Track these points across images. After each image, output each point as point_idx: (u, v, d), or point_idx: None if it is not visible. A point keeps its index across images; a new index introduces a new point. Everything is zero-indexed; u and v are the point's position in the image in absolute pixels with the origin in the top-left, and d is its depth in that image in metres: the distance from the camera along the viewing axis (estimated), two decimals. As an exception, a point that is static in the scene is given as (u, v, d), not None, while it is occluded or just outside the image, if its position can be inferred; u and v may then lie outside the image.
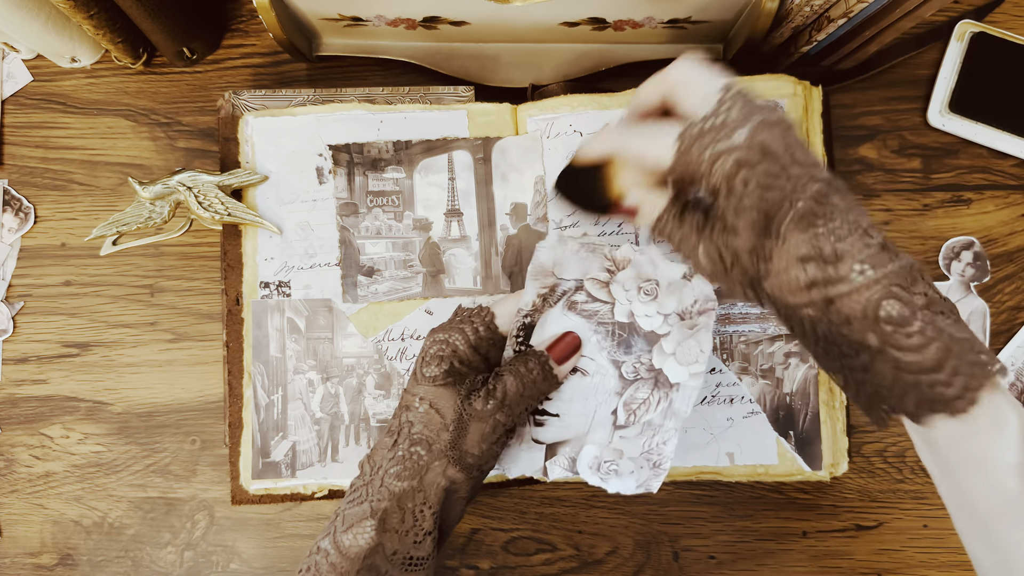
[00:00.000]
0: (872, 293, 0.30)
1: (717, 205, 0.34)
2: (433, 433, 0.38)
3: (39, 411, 0.56)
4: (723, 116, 0.32)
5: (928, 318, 0.30)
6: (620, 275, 0.41)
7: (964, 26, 0.55)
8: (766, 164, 0.32)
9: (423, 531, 0.37)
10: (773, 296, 0.33)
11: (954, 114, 0.55)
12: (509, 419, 0.38)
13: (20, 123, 0.58)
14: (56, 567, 0.56)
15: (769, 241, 0.32)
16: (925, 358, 0.30)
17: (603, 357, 0.41)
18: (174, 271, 0.57)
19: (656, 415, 0.41)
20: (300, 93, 0.53)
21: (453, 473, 0.37)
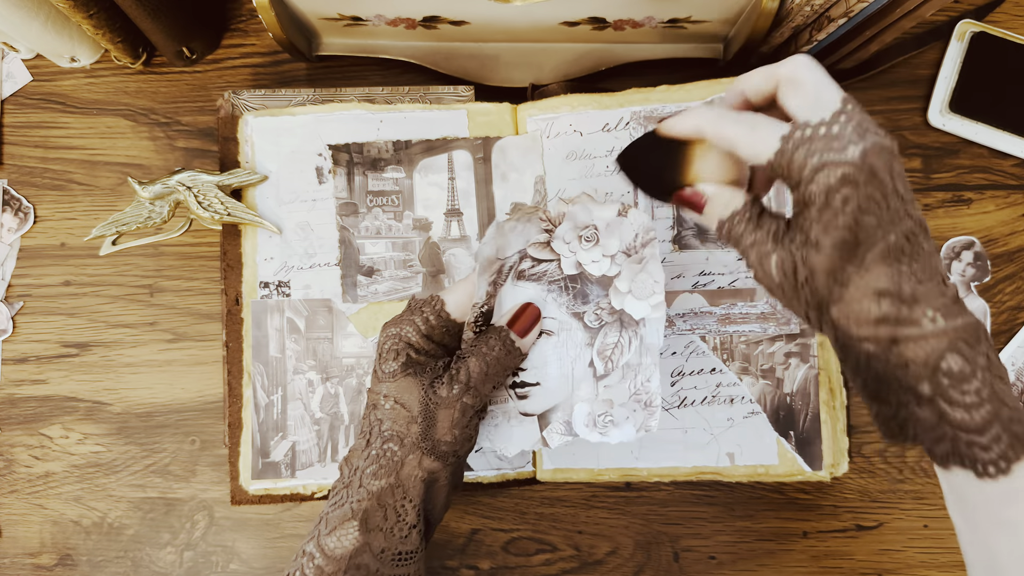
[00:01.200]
0: (939, 343, 0.30)
1: (804, 216, 0.32)
2: (403, 427, 0.38)
3: (39, 411, 0.56)
4: (838, 127, 0.31)
5: (987, 380, 0.30)
6: (558, 230, 0.41)
7: (964, 26, 0.55)
8: (871, 188, 0.31)
9: (407, 525, 0.37)
10: (838, 323, 0.33)
11: (954, 114, 0.55)
12: (477, 400, 0.38)
13: (20, 123, 0.58)
14: (56, 567, 0.55)
15: (851, 266, 0.31)
16: (973, 418, 0.30)
17: (563, 313, 0.41)
18: (174, 271, 0.57)
19: (632, 355, 0.41)
20: (300, 93, 0.53)
21: (429, 463, 0.37)
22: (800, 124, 0.32)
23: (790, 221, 0.34)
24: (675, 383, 0.51)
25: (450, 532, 0.55)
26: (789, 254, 0.33)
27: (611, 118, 0.52)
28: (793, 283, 0.33)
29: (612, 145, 0.52)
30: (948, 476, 0.32)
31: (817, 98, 0.32)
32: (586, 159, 0.52)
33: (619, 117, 0.52)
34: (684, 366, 0.51)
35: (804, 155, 0.31)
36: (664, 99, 0.51)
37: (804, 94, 0.33)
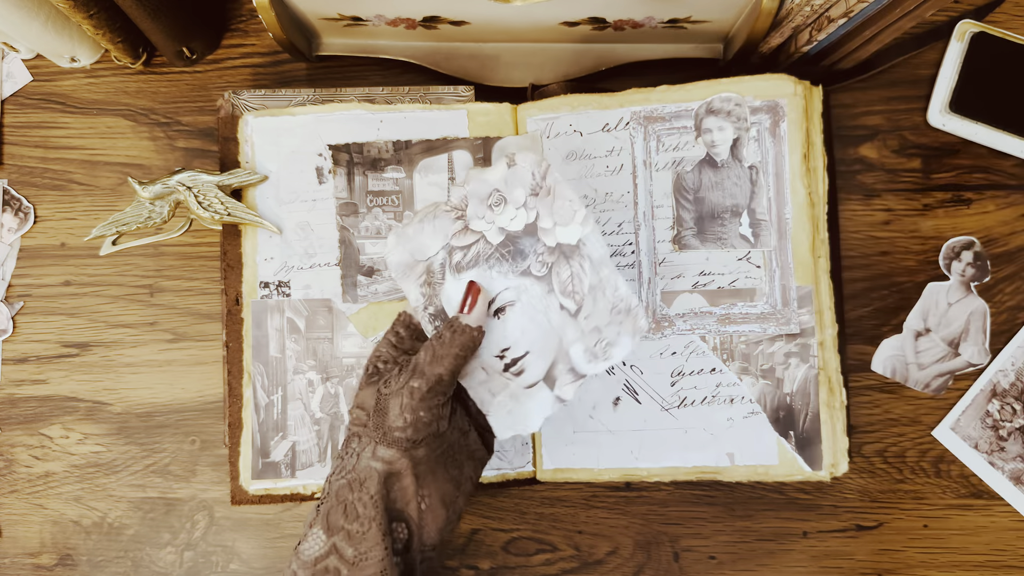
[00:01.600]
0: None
1: None
2: (360, 426, 0.39)
3: (39, 411, 0.56)
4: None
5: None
6: (468, 211, 0.42)
7: (964, 26, 0.55)
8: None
9: (367, 519, 0.37)
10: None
11: (954, 114, 0.55)
12: (425, 382, 0.38)
13: (20, 123, 0.58)
14: (56, 567, 0.55)
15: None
16: None
17: (512, 279, 0.42)
18: (174, 271, 0.57)
19: (590, 277, 0.41)
20: (300, 93, 0.53)
21: (383, 452, 0.37)
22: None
23: None
24: (675, 383, 0.51)
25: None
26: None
27: (611, 118, 0.52)
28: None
29: (612, 145, 0.52)
30: None
31: None
32: (586, 159, 0.52)
33: (619, 117, 0.52)
34: (684, 366, 0.51)
35: None
36: (664, 99, 0.51)
37: None
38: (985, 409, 0.54)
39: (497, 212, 0.42)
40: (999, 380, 0.54)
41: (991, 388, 0.54)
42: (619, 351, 0.41)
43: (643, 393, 0.51)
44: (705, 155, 0.51)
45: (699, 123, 0.51)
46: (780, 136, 0.50)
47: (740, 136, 0.50)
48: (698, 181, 0.51)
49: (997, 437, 0.54)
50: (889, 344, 0.55)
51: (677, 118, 0.51)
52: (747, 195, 0.51)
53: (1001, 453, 0.54)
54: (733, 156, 0.51)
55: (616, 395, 0.52)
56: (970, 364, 0.54)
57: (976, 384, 0.54)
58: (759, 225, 0.50)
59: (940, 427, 0.54)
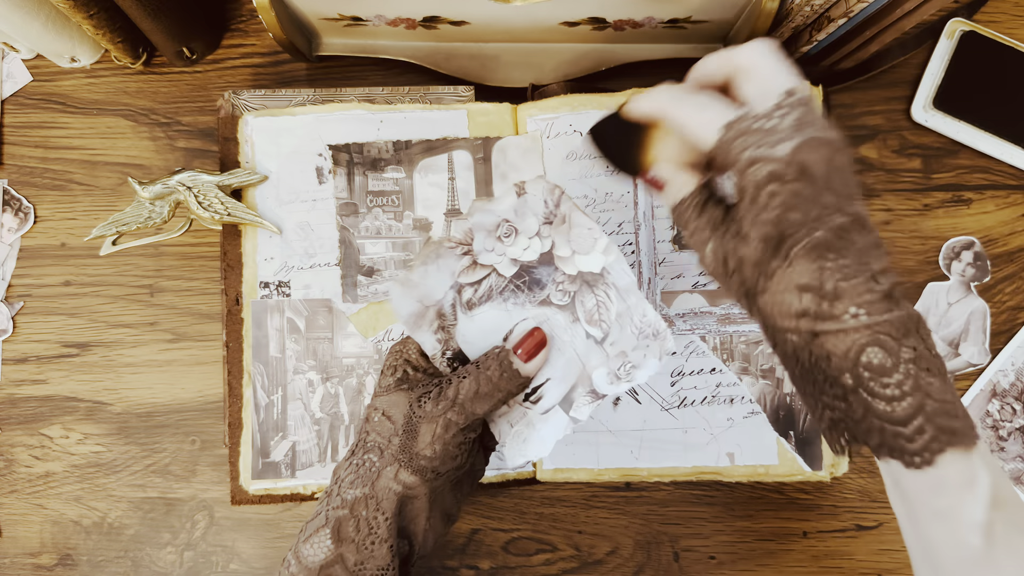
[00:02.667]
0: (859, 337, 0.30)
1: (737, 208, 0.33)
2: (384, 439, 0.37)
3: (39, 411, 0.56)
4: (775, 121, 0.31)
5: (911, 372, 0.30)
6: (475, 245, 0.40)
7: (955, 24, 0.55)
8: (799, 184, 0.31)
9: (379, 539, 0.36)
10: (764, 312, 0.33)
11: (937, 111, 0.55)
12: (463, 418, 0.37)
13: (20, 123, 0.58)
14: (56, 567, 0.55)
15: (776, 260, 0.32)
16: (895, 410, 0.30)
17: (532, 309, 0.40)
18: (174, 271, 0.57)
19: (616, 305, 0.40)
20: (300, 93, 0.53)
21: (406, 477, 0.37)
22: (741, 115, 0.32)
23: (729, 210, 0.35)
24: (675, 383, 0.51)
25: (450, 532, 0.55)
26: (721, 244, 0.34)
27: (611, 118, 0.52)
28: (724, 271, 0.34)
29: (612, 145, 0.52)
30: (885, 467, 0.32)
31: (768, 86, 0.32)
32: (586, 159, 0.52)
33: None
34: (684, 366, 0.51)
35: (740, 147, 0.32)
36: (664, 99, 0.51)
37: (756, 82, 0.33)
38: (985, 409, 0.54)
39: (508, 243, 0.40)
40: (999, 380, 0.54)
41: (991, 388, 0.54)
42: (643, 373, 0.40)
43: (643, 393, 0.51)
44: (705, 155, 0.51)
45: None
46: (780, 136, 0.50)
47: (740, 136, 0.50)
48: (698, 181, 0.51)
49: (997, 437, 0.54)
50: (889, 344, 0.55)
51: (677, 118, 0.51)
52: (747, 195, 0.51)
53: (1001, 453, 0.54)
54: (733, 156, 0.51)
55: (616, 395, 0.52)
56: (970, 364, 0.54)
57: (976, 384, 0.54)
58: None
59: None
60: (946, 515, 0.30)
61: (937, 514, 0.30)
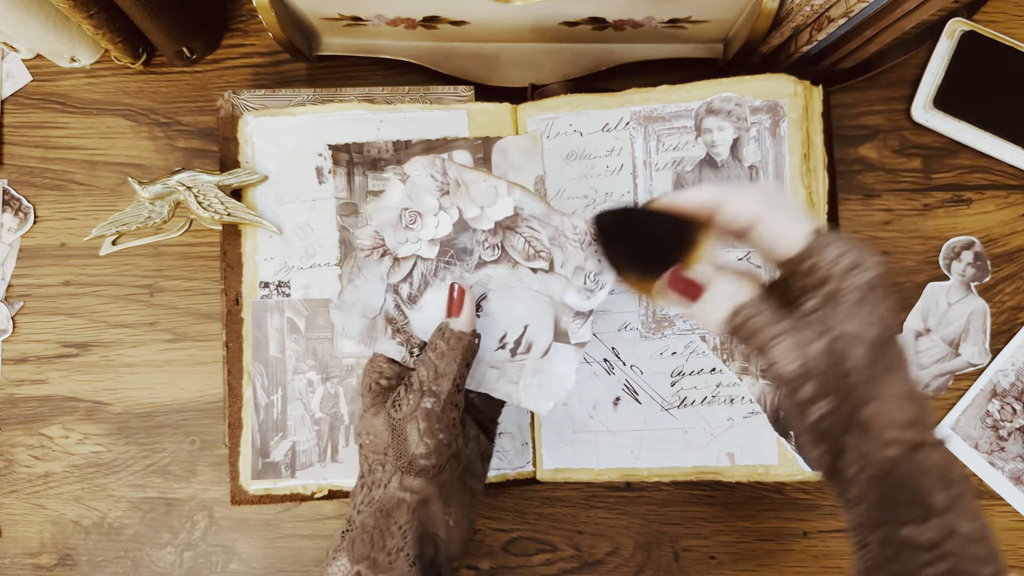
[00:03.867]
0: (947, 452, 0.30)
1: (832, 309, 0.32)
2: (381, 455, 0.38)
3: (39, 411, 0.56)
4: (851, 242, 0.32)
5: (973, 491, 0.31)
6: (388, 243, 0.40)
7: (955, 24, 0.55)
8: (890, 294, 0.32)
9: (395, 548, 0.36)
10: (870, 424, 0.31)
11: (937, 110, 0.54)
12: (437, 401, 0.37)
13: (20, 123, 0.58)
14: (56, 567, 0.55)
15: (882, 365, 0.31)
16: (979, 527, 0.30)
17: (470, 276, 0.41)
18: (174, 271, 0.57)
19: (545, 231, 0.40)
20: (300, 93, 0.53)
21: (410, 482, 0.37)
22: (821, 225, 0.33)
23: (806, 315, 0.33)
24: (675, 383, 0.51)
25: (450, 532, 0.55)
26: (836, 340, 0.31)
27: (611, 118, 0.52)
28: (837, 372, 0.31)
29: (612, 145, 0.52)
30: None
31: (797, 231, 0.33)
32: (586, 159, 0.52)
33: (619, 117, 0.52)
34: (684, 366, 0.51)
35: (838, 250, 0.32)
36: (664, 99, 0.51)
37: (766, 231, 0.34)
38: (985, 409, 0.54)
39: (418, 228, 0.40)
40: (999, 380, 0.54)
41: (991, 388, 0.54)
42: (609, 275, 0.40)
43: (643, 393, 0.51)
44: (705, 155, 0.51)
45: (699, 123, 0.51)
46: (780, 136, 0.50)
47: (740, 136, 0.50)
48: (698, 181, 0.51)
49: (997, 437, 0.54)
50: (889, 344, 0.55)
51: (677, 118, 0.51)
52: (747, 195, 0.51)
53: (1001, 453, 0.54)
54: (733, 156, 0.51)
55: (616, 395, 0.52)
56: (970, 364, 0.54)
57: (976, 384, 0.54)
58: (759, 225, 0.50)
59: (940, 427, 0.54)
60: None
61: None
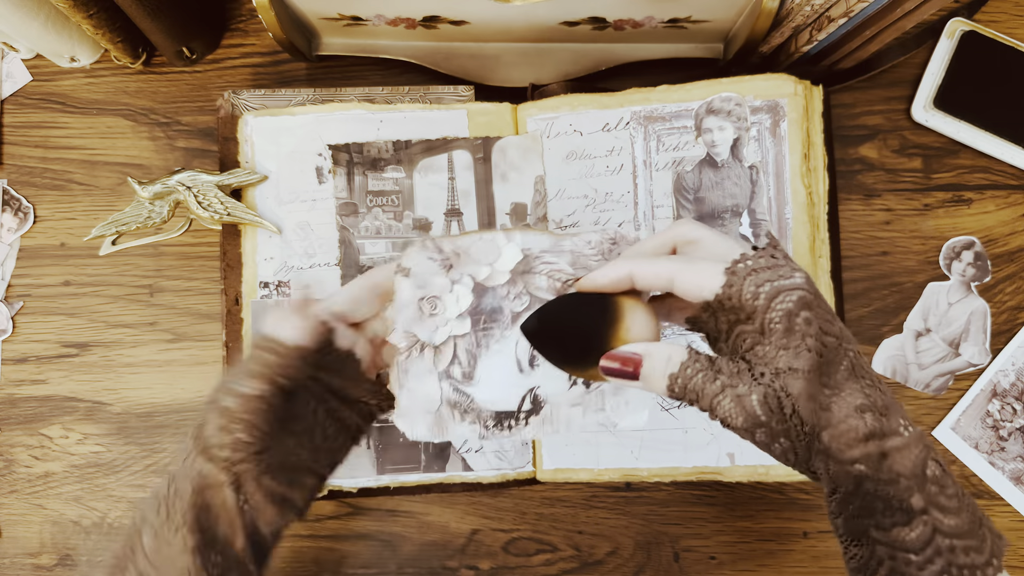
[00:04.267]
0: (919, 451, 0.30)
1: (763, 348, 0.31)
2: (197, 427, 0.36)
3: (38, 411, 0.56)
4: (776, 257, 0.32)
5: (954, 480, 0.30)
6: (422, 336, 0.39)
7: (955, 24, 0.55)
8: (821, 310, 0.31)
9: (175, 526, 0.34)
10: (830, 449, 0.31)
11: (938, 110, 0.54)
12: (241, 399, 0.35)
13: (19, 123, 0.58)
14: (55, 567, 0.55)
15: (827, 388, 0.31)
16: (962, 521, 0.30)
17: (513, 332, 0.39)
18: (173, 271, 0.57)
19: (561, 260, 0.39)
20: (300, 93, 0.53)
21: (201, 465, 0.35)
22: (738, 257, 0.32)
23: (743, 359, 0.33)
24: (675, 383, 0.51)
25: (450, 532, 0.55)
26: (768, 388, 0.31)
27: (611, 118, 0.52)
28: (781, 417, 0.31)
29: (612, 145, 0.52)
30: None
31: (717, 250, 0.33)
32: (586, 159, 0.52)
33: (619, 117, 0.52)
34: (684, 366, 0.51)
35: (754, 284, 0.31)
36: (664, 99, 0.51)
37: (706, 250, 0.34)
38: (985, 409, 0.54)
39: (441, 312, 0.39)
40: (999, 380, 0.54)
41: (991, 388, 0.54)
42: None
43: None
44: (705, 155, 0.51)
45: (699, 123, 0.51)
46: (780, 136, 0.50)
47: (740, 136, 0.50)
48: (698, 181, 0.51)
49: (997, 437, 0.54)
50: (889, 344, 0.55)
51: (677, 118, 0.51)
52: (747, 195, 0.51)
53: (1001, 453, 0.54)
54: (733, 156, 0.51)
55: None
56: (970, 364, 0.54)
57: (976, 384, 0.54)
58: (759, 225, 0.50)
59: (940, 427, 0.54)
60: None
61: None
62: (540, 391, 0.39)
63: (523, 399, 0.39)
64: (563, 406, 0.40)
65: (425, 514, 0.55)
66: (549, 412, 0.39)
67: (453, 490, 0.52)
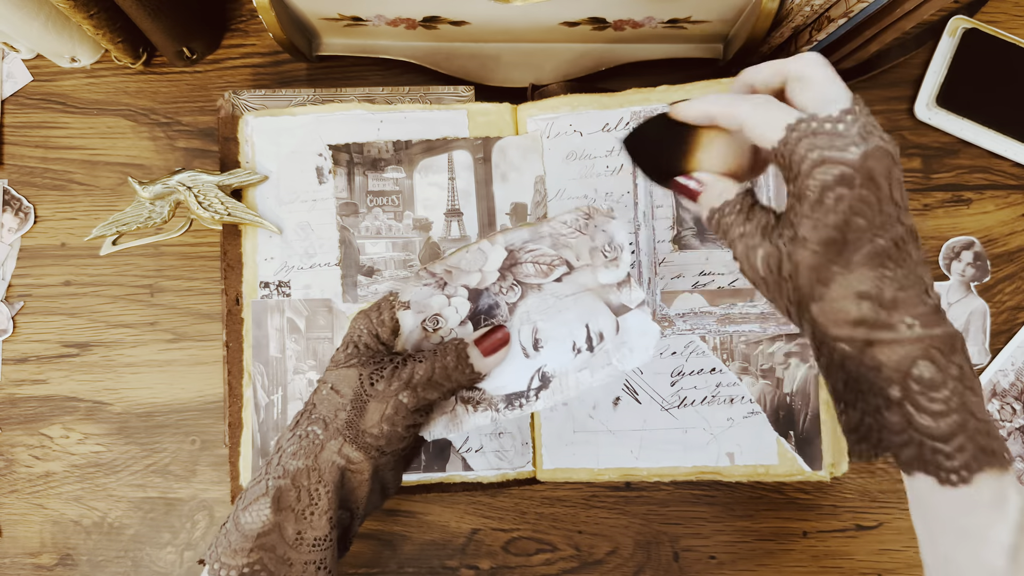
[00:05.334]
0: (913, 349, 0.30)
1: (795, 211, 0.32)
2: (331, 413, 0.37)
3: (39, 411, 0.56)
4: (844, 126, 0.31)
5: (957, 390, 0.30)
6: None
7: (956, 22, 0.55)
8: (865, 191, 0.31)
9: (320, 510, 0.36)
10: (816, 321, 0.33)
11: (941, 108, 0.55)
12: (415, 401, 0.37)
13: (20, 123, 0.58)
14: (56, 567, 0.55)
15: (836, 266, 0.32)
16: (939, 425, 0.30)
17: (512, 324, 0.41)
18: (174, 271, 0.57)
19: (542, 244, 0.41)
20: (300, 93, 0.53)
21: (349, 452, 0.37)
22: (808, 117, 0.32)
23: (780, 216, 0.34)
24: (675, 383, 0.51)
25: (450, 532, 0.55)
26: (776, 248, 0.33)
27: (611, 118, 0.52)
28: (777, 278, 0.34)
29: (612, 145, 0.52)
30: (912, 482, 0.32)
31: (825, 95, 0.32)
32: (586, 159, 0.52)
33: (619, 117, 0.52)
34: (684, 366, 0.51)
35: (806, 148, 0.31)
36: (664, 99, 0.51)
37: (812, 91, 0.33)
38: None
39: (444, 324, 0.41)
40: (999, 380, 0.54)
41: (991, 388, 0.54)
42: (617, 230, 0.40)
43: (643, 393, 0.51)
44: (705, 155, 0.51)
45: (699, 123, 0.51)
46: (780, 136, 0.50)
47: (740, 136, 0.50)
48: (698, 181, 0.51)
49: (997, 437, 0.54)
50: (889, 344, 0.55)
51: (677, 118, 0.51)
52: (747, 195, 0.51)
53: (1001, 453, 0.54)
54: (733, 156, 0.51)
55: (616, 395, 0.52)
56: (970, 364, 0.54)
57: (976, 384, 0.54)
58: (759, 225, 0.50)
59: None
60: (973, 534, 0.30)
61: (963, 533, 0.30)
62: (547, 368, 0.41)
63: (532, 379, 0.41)
64: (571, 374, 0.41)
65: (425, 514, 0.55)
66: (558, 383, 0.41)
67: (453, 490, 0.52)
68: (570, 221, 0.40)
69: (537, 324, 0.41)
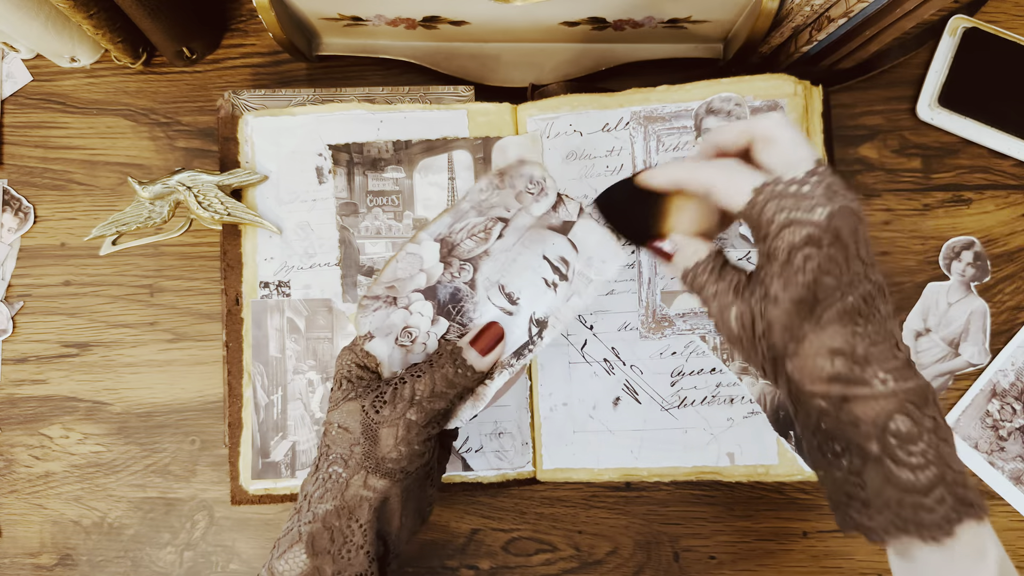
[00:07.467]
0: (888, 404, 0.31)
1: (766, 271, 0.33)
2: (346, 450, 0.38)
3: (39, 411, 0.56)
4: (809, 187, 0.32)
5: (933, 442, 0.31)
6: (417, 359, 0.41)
7: (957, 21, 0.55)
8: (833, 250, 0.32)
9: (355, 546, 0.36)
10: (791, 377, 0.33)
11: (943, 108, 0.55)
12: (423, 416, 0.37)
13: (20, 123, 0.58)
14: (56, 567, 0.55)
15: (808, 324, 0.32)
16: (918, 478, 0.31)
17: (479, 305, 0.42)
18: (174, 271, 0.57)
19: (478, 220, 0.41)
20: (300, 93, 0.53)
21: (375, 482, 0.37)
22: (773, 179, 0.33)
23: (751, 275, 0.35)
24: (675, 383, 0.51)
25: (450, 532, 0.55)
26: (748, 307, 0.34)
27: (611, 118, 0.52)
28: (751, 335, 0.34)
29: (612, 145, 0.52)
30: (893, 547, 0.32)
31: (790, 156, 0.34)
32: (586, 159, 0.52)
33: (619, 117, 0.52)
34: (684, 366, 0.51)
35: (773, 210, 0.33)
36: (664, 99, 0.51)
37: (778, 152, 0.34)
38: (985, 409, 0.54)
39: (416, 335, 0.41)
40: (999, 380, 0.54)
41: (991, 388, 0.54)
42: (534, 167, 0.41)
43: (643, 393, 0.51)
44: (705, 155, 0.51)
45: (699, 123, 0.51)
46: (780, 136, 0.50)
47: (740, 136, 0.50)
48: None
49: (997, 437, 0.54)
50: (889, 344, 0.55)
51: (677, 118, 0.51)
52: (747, 195, 0.51)
53: (1001, 453, 0.54)
54: (733, 156, 0.51)
55: (616, 395, 0.52)
56: (970, 364, 0.54)
57: (976, 384, 0.54)
58: (759, 225, 0.50)
59: None
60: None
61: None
62: (537, 313, 0.42)
63: (529, 329, 0.41)
64: (562, 308, 0.42)
65: (425, 514, 0.55)
66: (554, 319, 0.41)
67: (453, 490, 0.52)
68: (484, 186, 0.40)
69: (501, 281, 0.42)
